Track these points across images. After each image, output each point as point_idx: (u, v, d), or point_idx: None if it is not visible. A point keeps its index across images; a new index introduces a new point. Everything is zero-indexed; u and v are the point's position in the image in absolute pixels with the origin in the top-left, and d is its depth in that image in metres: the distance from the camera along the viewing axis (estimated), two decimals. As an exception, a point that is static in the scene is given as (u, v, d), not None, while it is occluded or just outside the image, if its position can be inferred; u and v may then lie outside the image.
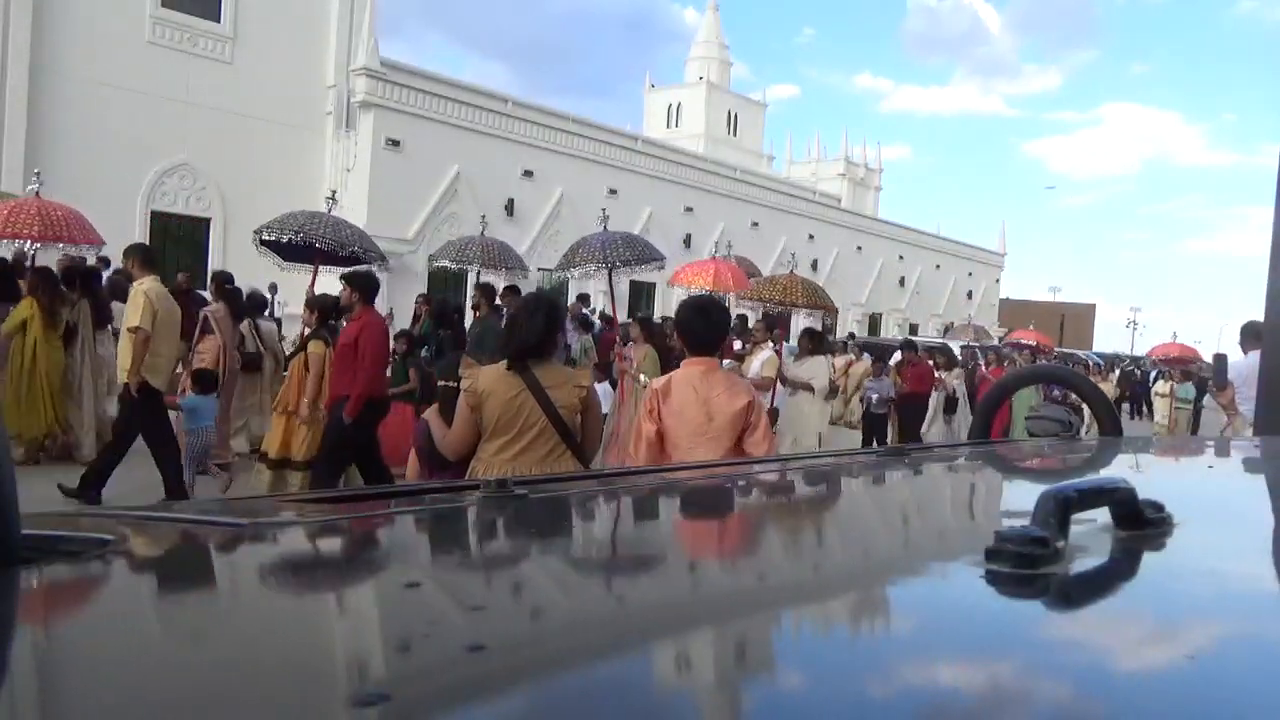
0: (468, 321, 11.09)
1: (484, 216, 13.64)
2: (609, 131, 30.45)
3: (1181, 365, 18.34)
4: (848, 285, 38.29)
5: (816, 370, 9.05)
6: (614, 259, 9.57)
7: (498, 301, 9.97)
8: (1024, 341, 18.35)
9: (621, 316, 13.54)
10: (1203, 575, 0.67)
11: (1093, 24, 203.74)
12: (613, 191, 28.20)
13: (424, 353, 9.60)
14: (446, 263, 12.22)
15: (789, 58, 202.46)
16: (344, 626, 0.56)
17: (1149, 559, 0.67)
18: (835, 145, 46.12)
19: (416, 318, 11.83)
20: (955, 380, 12.94)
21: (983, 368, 14.80)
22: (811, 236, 36.40)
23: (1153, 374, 18.82)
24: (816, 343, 9.55)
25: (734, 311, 12.16)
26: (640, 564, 0.76)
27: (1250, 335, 6.69)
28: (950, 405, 12.60)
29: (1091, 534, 0.67)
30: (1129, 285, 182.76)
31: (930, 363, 12.99)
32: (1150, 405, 15.98)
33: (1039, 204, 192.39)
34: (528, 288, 9.68)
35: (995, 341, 21.31)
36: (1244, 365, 6.34)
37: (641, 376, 8.14)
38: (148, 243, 11.05)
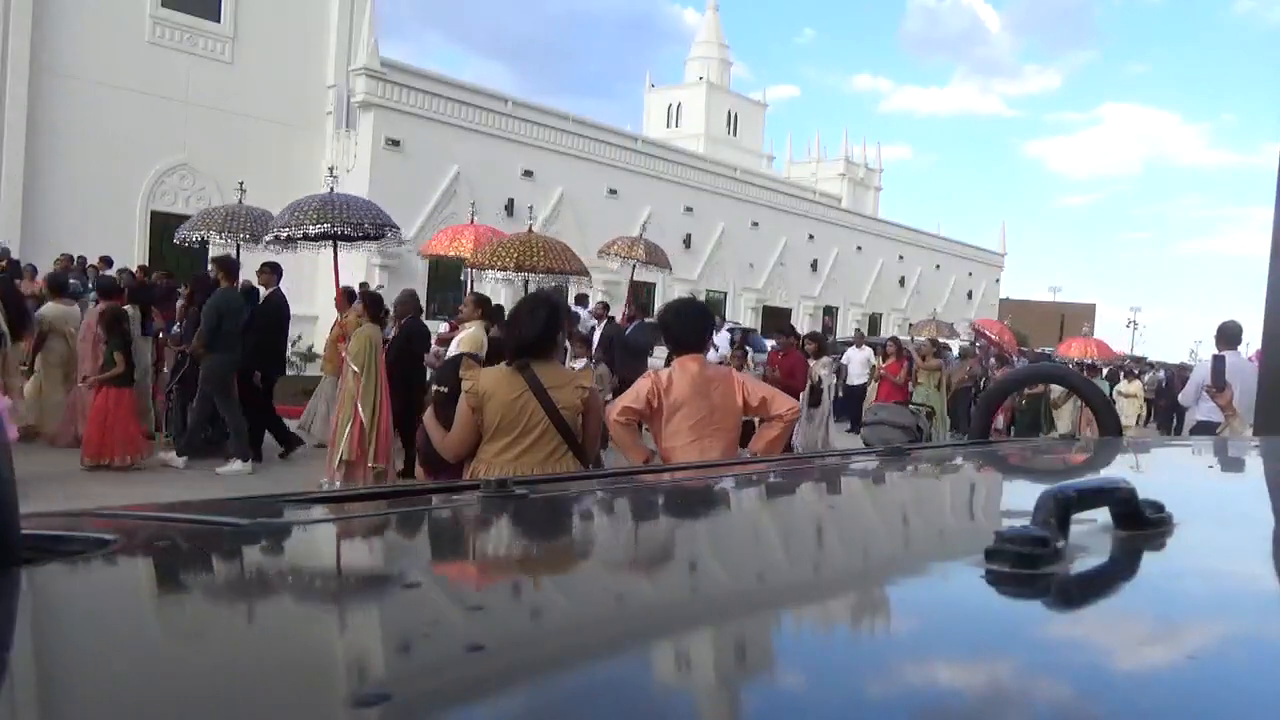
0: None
1: (241, 183, 11.37)
2: (609, 131, 30.47)
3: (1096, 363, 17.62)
4: (848, 285, 38.32)
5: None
6: (338, 224, 7.92)
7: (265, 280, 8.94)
8: (988, 333, 16.77)
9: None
10: (1203, 575, 0.67)
11: (1092, 24, 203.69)
12: (613, 191, 28.23)
13: (175, 329, 9.08)
14: (208, 232, 10.07)
15: (789, 58, 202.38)
16: (344, 626, 0.56)
17: (1149, 559, 0.67)
18: (835, 145, 46.19)
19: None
20: (823, 370, 11.46)
21: (880, 363, 13.52)
22: (811, 236, 36.41)
23: (1118, 372, 18.32)
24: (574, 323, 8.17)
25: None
26: (640, 564, 0.76)
27: (1223, 337, 6.65)
28: (814, 397, 11.18)
29: (1091, 534, 0.67)
30: (1129, 285, 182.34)
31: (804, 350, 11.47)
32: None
33: (1039, 204, 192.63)
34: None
35: (963, 338, 19.72)
36: (1205, 369, 6.34)
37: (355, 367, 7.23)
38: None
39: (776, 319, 31.74)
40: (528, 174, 25.89)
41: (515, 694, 0.41)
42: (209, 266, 8.79)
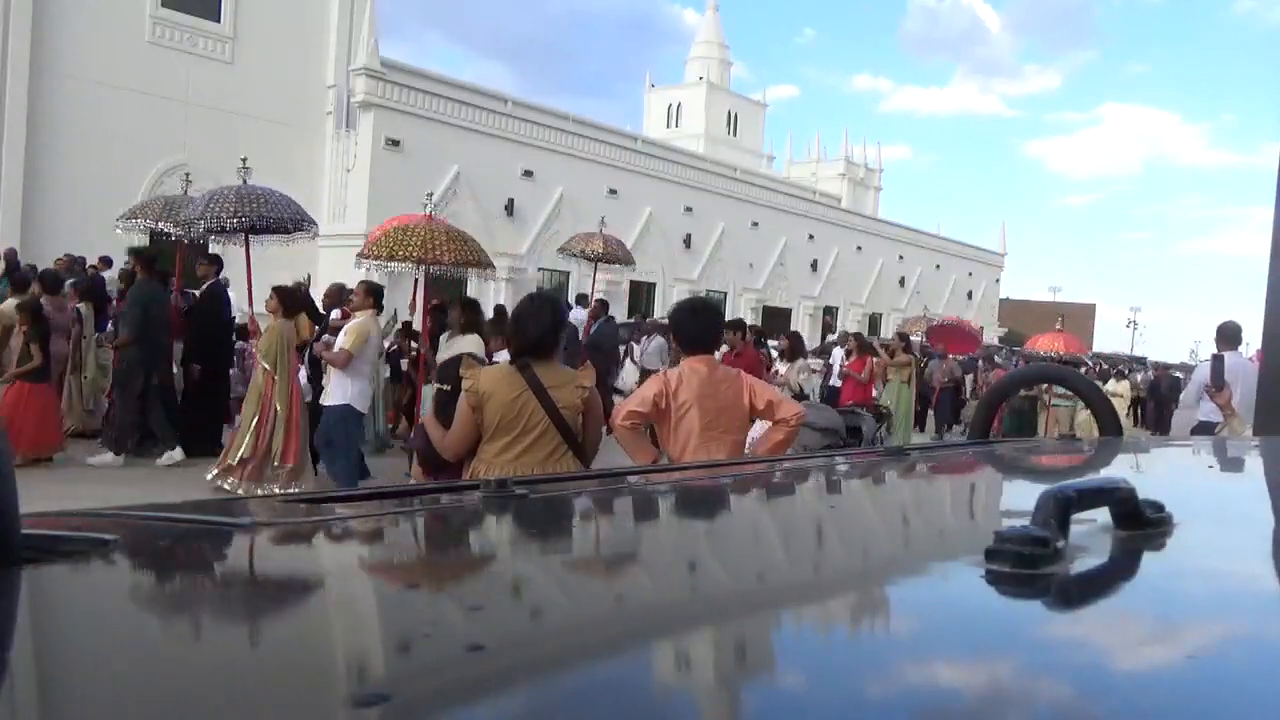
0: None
1: (187, 174, 10.60)
2: (609, 131, 30.46)
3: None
4: (848, 285, 38.32)
5: (467, 350, 7.10)
6: (254, 217, 7.52)
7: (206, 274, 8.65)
8: (949, 322, 16.73)
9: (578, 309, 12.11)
10: (1203, 575, 0.67)
11: (1092, 24, 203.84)
12: (613, 191, 28.21)
13: (109, 327, 8.94)
14: (146, 222, 9.34)
15: (789, 58, 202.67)
16: (344, 626, 0.56)
17: (1149, 559, 0.67)
18: (835, 145, 46.20)
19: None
20: (800, 376, 10.28)
21: (842, 362, 12.99)
22: (811, 236, 36.40)
23: (1107, 371, 18.19)
24: (471, 315, 7.27)
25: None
26: (640, 564, 0.76)
27: (1223, 337, 6.66)
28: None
29: (1091, 534, 0.67)
30: (1129, 285, 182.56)
31: (769, 349, 10.84)
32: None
33: (1039, 204, 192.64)
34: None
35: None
36: (1206, 370, 6.31)
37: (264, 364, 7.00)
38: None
39: (777, 319, 31.76)
40: (528, 174, 25.88)
41: (515, 694, 0.41)
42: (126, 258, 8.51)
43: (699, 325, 3.74)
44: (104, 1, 19.55)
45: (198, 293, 9.03)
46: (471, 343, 6.97)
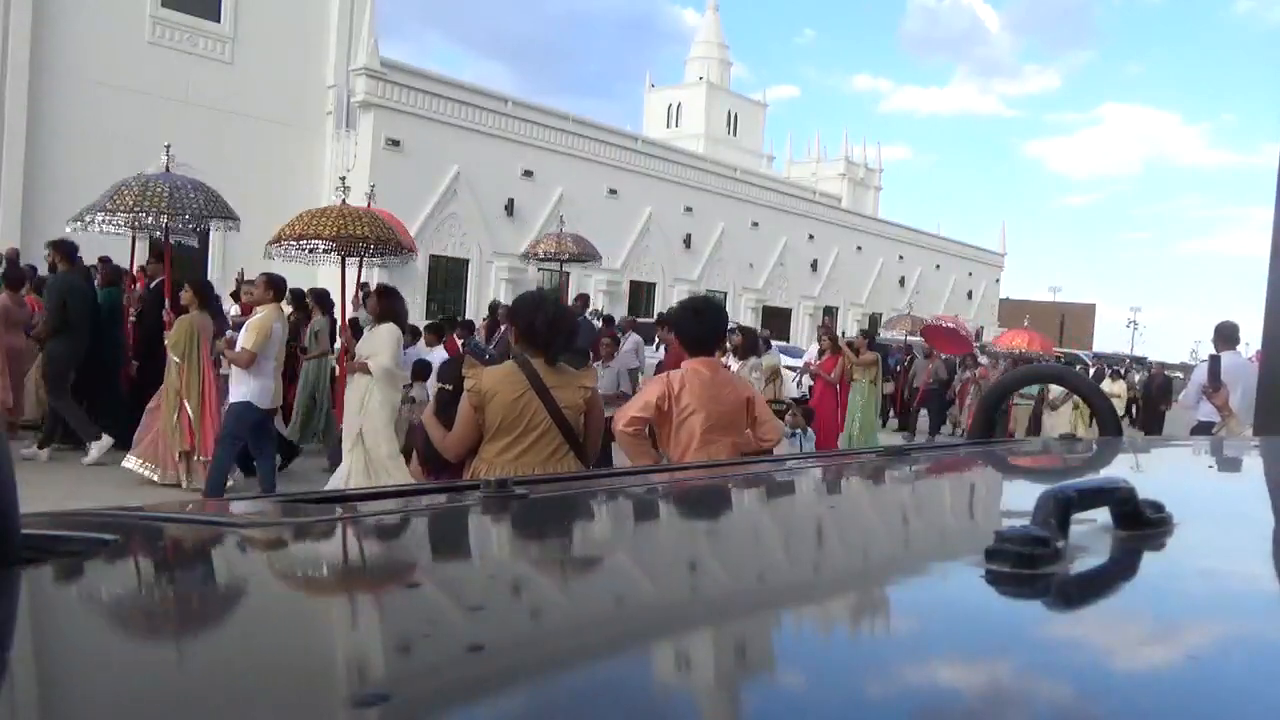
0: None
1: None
2: (609, 131, 30.47)
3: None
4: (848, 285, 38.33)
5: (381, 344, 6.44)
6: (156, 212, 7.15)
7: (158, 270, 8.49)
8: (945, 324, 16.34)
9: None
10: (1203, 575, 0.67)
11: (1092, 24, 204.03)
12: (613, 191, 28.23)
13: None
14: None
15: (789, 58, 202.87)
16: (344, 626, 0.56)
17: (1149, 559, 0.67)
18: (835, 145, 46.22)
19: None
20: (753, 375, 9.73)
21: (813, 360, 12.61)
22: (811, 236, 36.42)
23: (1102, 371, 18.23)
24: (388, 303, 6.69)
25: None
26: (640, 564, 0.76)
27: (1221, 337, 6.68)
28: None
29: (1091, 534, 0.67)
30: (1129, 285, 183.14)
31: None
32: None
33: (1039, 204, 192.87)
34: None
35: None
36: (1205, 371, 6.32)
37: (175, 358, 6.92)
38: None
39: (777, 319, 31.76)
40: (528, 174, 25.88)
41: (515, 694, 0.41)
42: (45, 251, 8.42)
43: (702, 326, 3.68)
44: (104, 1, 19.56)
45: (143, 289, 8.91)
46: (386, 331, 6.59)
